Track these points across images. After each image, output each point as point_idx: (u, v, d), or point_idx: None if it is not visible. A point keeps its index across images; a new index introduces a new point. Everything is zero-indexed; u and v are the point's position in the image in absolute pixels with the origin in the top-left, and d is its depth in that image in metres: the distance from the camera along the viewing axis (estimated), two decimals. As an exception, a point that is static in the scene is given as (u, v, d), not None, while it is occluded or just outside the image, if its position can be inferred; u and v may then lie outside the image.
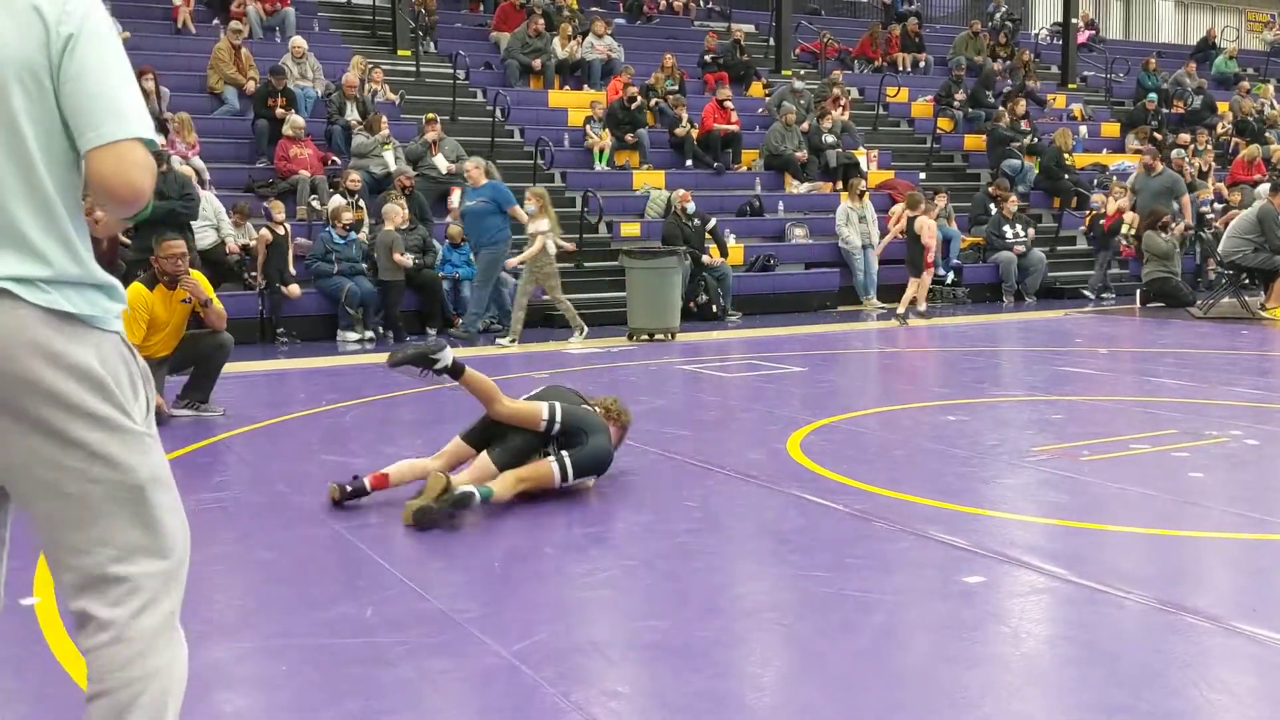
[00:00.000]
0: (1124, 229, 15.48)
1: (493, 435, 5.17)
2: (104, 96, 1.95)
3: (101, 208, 2.11)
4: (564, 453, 5.06)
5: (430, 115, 14.24)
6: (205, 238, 11.31)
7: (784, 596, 3.95)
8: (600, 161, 15.89)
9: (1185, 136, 19.78)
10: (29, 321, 1.94)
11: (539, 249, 11.07)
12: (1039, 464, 5.78)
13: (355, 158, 13.26)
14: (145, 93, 13.32)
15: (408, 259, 11.75)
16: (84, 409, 1.98)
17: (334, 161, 13.69)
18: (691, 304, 13.18)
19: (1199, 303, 13.58)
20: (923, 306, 13.29)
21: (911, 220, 13.13)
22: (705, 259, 13.53)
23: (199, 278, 7.32)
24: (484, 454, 5.08)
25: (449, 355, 5.09)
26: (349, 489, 5.06)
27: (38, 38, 1.93)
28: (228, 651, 3.46)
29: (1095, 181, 18.68)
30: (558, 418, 5.07)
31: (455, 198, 13.09)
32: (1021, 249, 15.48)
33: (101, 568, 2.06)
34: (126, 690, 2.08)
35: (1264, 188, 14.29)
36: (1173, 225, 14.68)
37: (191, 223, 10.38)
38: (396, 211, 12.00)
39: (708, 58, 19.19)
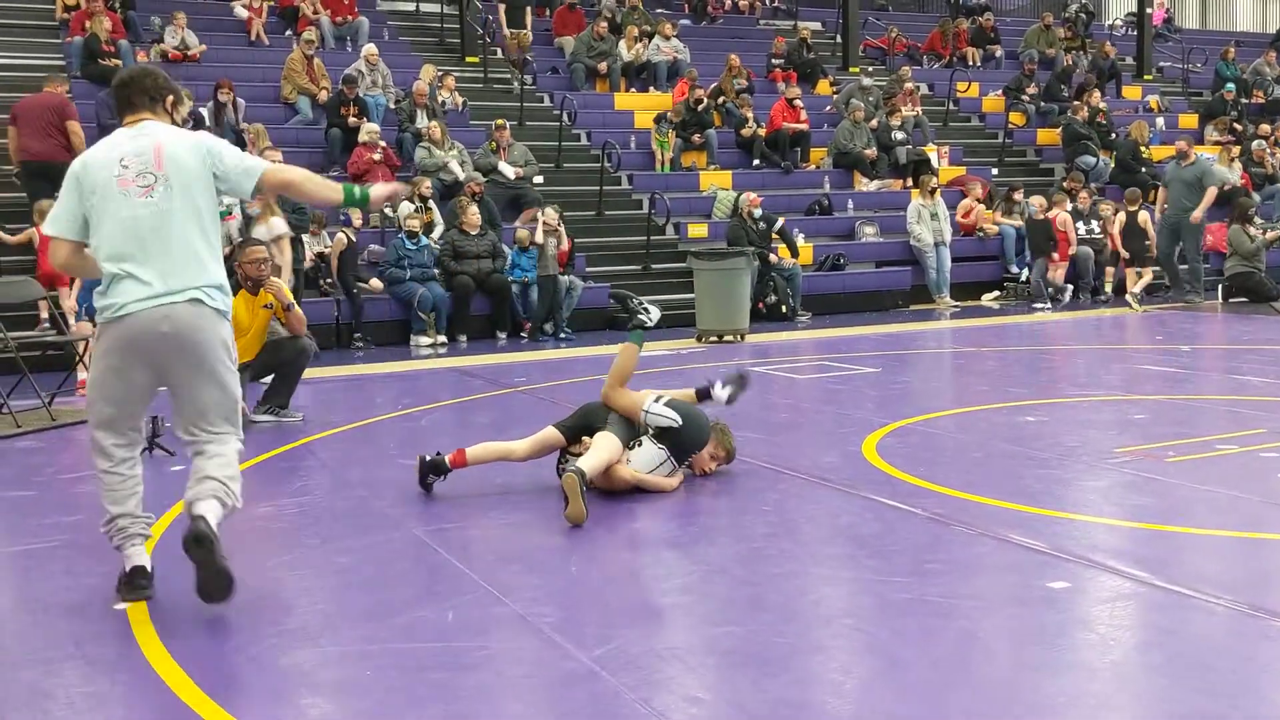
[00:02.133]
0: (1153, 213, 14.98)
1: (589, 426, 5.39)
2: (238, 166, 4.08)
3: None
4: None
5: (500, 122, 14.36)
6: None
7: (862, 602, 3.92)
8: (663, 166, 15.87)
9: (1266, 127, 19.28)
10: (209, 316, 3.95)
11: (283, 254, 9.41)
12: (1122, 465, 5.66)
13: (422, 172, 13.40)
14: (220, 104, 13.64)
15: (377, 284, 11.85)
16: (226, 361, 4.02)
17: (405, 169, 13.85)
18: (760, 304, 13.13)
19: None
20: (1139, 293, 14.10)
21: (1133, 214, 14.57)
22: (772, 259, 13.47)
23: (279, 284, 7.47)
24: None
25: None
26: (429, 459, 5.38)
27: (200, 158, 4.00)
28: (311, 656, 3.52)
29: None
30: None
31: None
32: (1088, 248, 15.16)
33: (215, 424, 4.03)
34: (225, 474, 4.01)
35: None
36: (1257, 222, 14.35)
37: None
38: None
39: (775, 61, 19.11)
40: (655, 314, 5.77)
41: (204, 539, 3.74)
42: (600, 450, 5.13)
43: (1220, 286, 14.44)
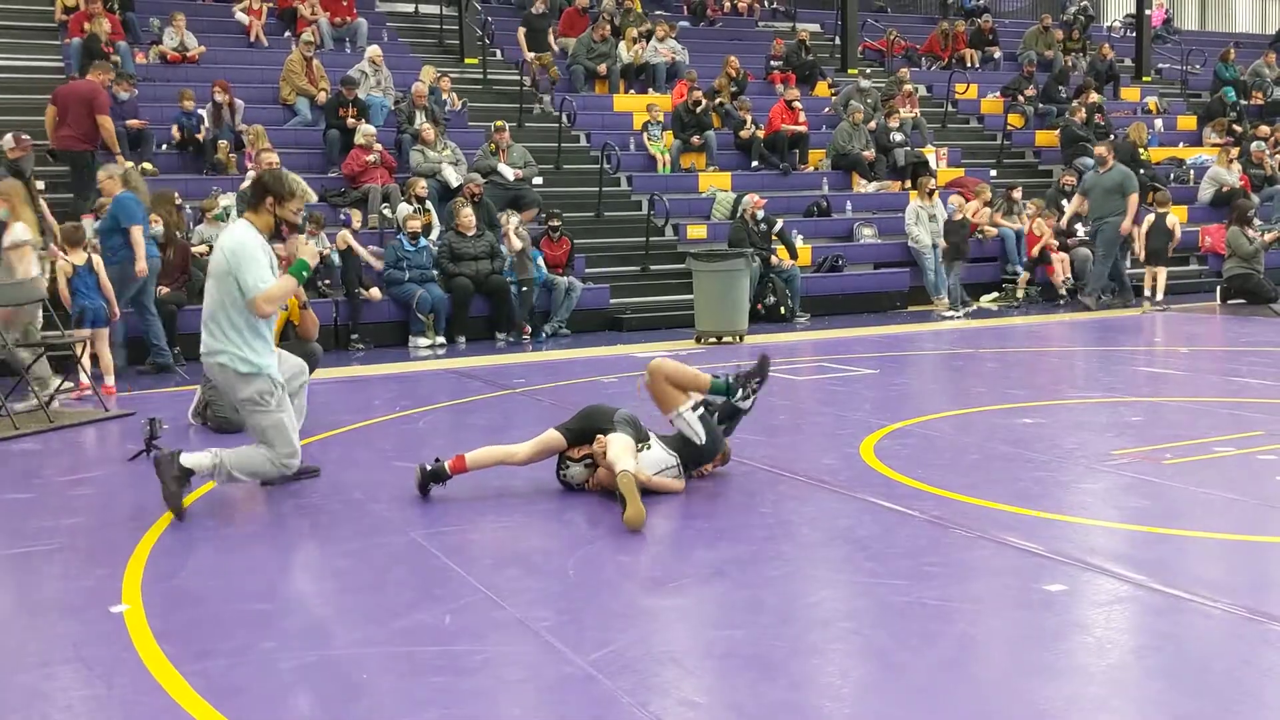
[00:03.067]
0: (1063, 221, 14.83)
1: (592, 429, 5.39)
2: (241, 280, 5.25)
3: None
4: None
5: (499, 124, 14.36)
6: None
7: (860, 605, 3.92)
8: (662, 166, 15.89)
9: (1265, 129, 19.29)
10: (233, 378, 5.36)
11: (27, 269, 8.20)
12: (1119, 468, 5.66)
13: (417, 175, 13.39)
14: (218, 105, 13.63)
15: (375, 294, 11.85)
16: (250, 409, 5.42)
17: (403, 169, 13.86)
18: (759, 306, 13.14)
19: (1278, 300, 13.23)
20: (1160, 296, 14.22)
21: (1163, 215, 14.55)
22: (772, 260, 13.48)
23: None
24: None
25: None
26: (429, 468, 5.37)
27: (224, 261, 5.30)
28: (308, 659, 3.51)
29: (1172, 176, 18.29)
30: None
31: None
32: (1087, 250, 15.16)
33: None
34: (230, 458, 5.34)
35: None
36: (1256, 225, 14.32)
37: None
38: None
39: (774, 63, 19.12)
40: (748, 404, 5.71)
41: (163, 461, 5.19)
42: (626, 451, 5.10)
43: (1218, 288, 14.45)
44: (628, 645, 3.51)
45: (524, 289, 12.21)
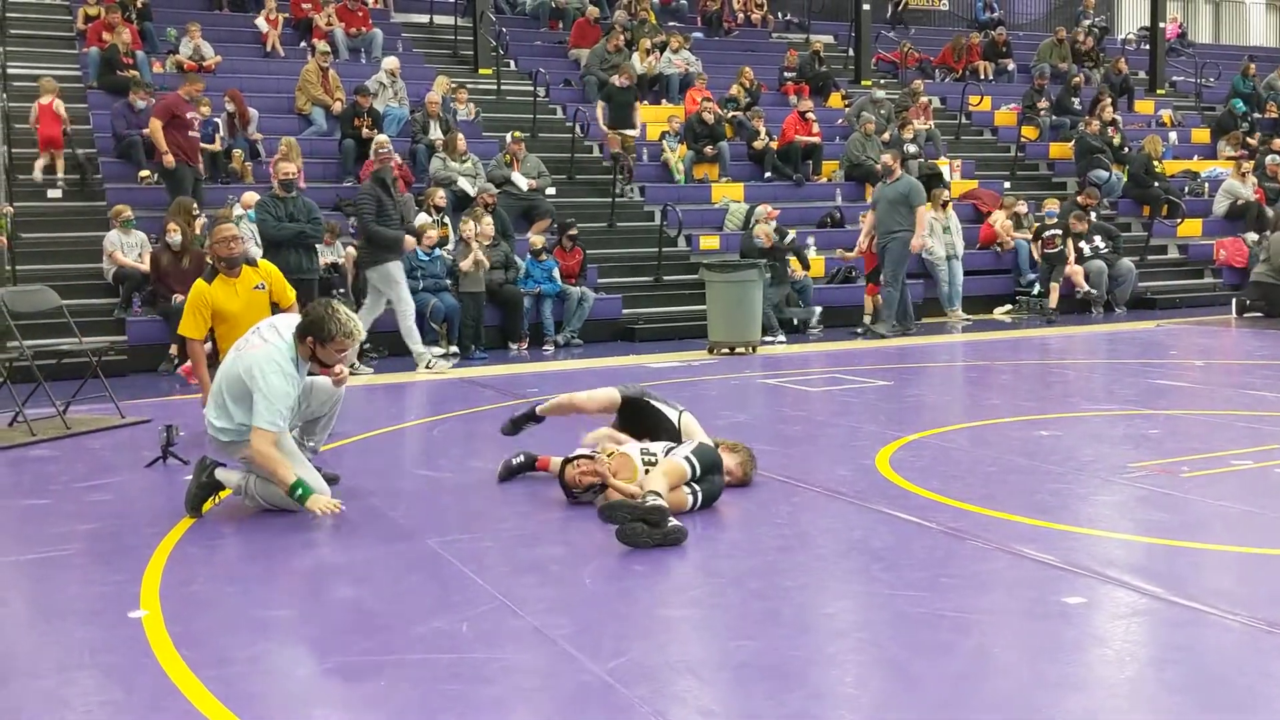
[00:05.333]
0: (861, 240, 13.61)
1: (644, 422, 5.61)
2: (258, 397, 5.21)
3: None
4: (697, 486, 5.15)
5: (516, 134, 14.41)
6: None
7: (877, 616, 3.91)
8: (678, 175, 15.91)
9: (1279, 142, 19.23)
10: (218, 446, 5.45)
11: None
12: (1137, 480, 5.64)
13: (434, 183, 13.43)
14: (231, 115, 13.69)
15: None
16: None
17: (419, 180, 13.91)
18: (793, 320, 13.13)
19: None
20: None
21: None
22: (789, 272, 13.46)
23: (271, 269, 7.42)
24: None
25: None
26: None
27: (245, 375, 5.25)
28: (326, 666, 3.52)
29: (1186, 189, 18.25)
30: (697, 469, 5.13)
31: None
32: (1101, 262, 15.12)
33: None
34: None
35: None
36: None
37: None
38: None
39: (788, 74, 19.14)
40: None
41: (201, 465, 5.42)
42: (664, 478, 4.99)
43: (1234, 300, 14.34)
44: (645, 654, 3.51)
45: (465, 306, 11.81)
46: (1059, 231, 14.93)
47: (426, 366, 10.67)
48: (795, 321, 13.30)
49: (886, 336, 12.55)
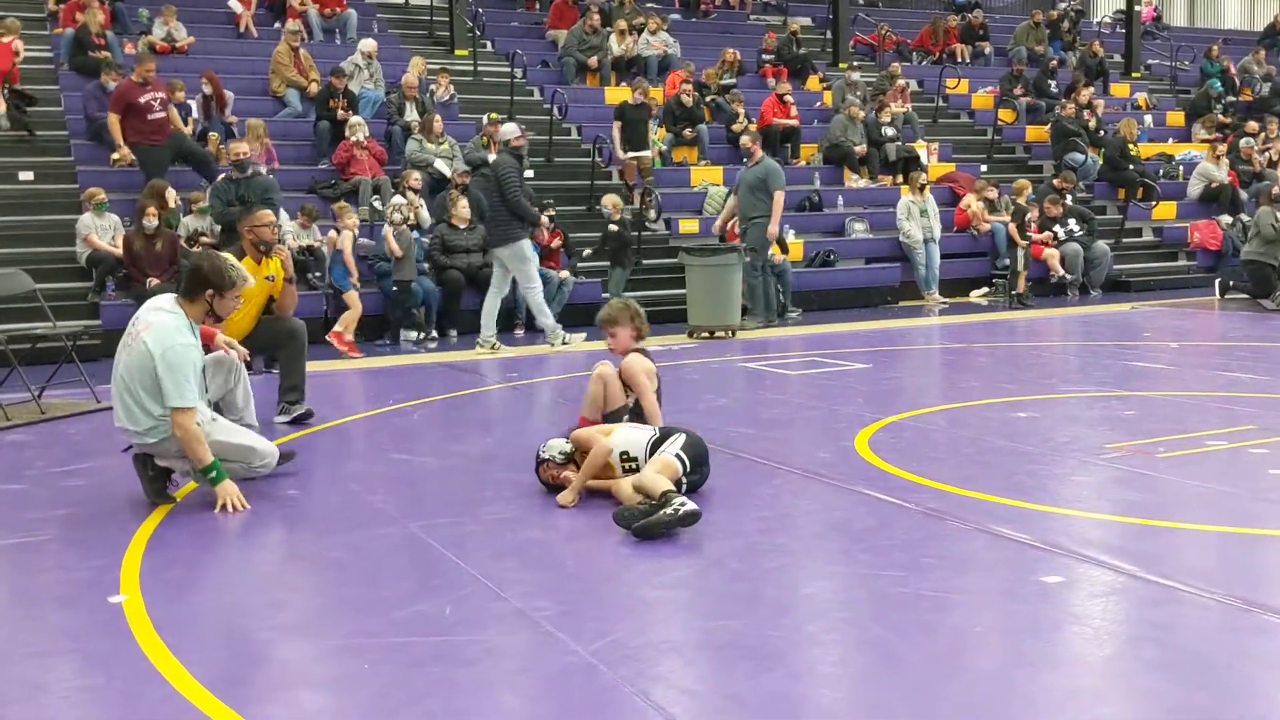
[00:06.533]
0: (717, 224, 13.18)
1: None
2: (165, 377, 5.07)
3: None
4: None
5: (491, 115, 14.33)
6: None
7: (857, 597, 3.93)
8: (655, 158, 15.87)
9: (1254, 125, 19.37)
10: (149, 449, 5.23)
11: None
12: (1113, 461, 5.69)
13: (411, 165, 13.36)
14: (207, 97, 13.55)
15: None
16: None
17: (394, 162, 13.83)
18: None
19: (1272, 296, 13.25)
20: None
21: None
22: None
23: (275, 263, 7.34)
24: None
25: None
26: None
27: (147, 355, 5.09)
28: (308, 649, 3.52)
29: (1161, 172, 18.36)
30: (687, 465, 5.03)
31: None
32: (1076, 245, 15.20)
33: None
34: None
35: None
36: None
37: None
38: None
39: (765, 56, 19.11)
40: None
41: (145, 463, 5.30)
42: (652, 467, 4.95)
43: (1218, 280, 14.38)
44: (628, 635, 3.52)
45: (399, 294, 11.60)
46: (1035, 217, 15.01)
47: (563, 343, 10.85)
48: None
49: (760, 327, 12.00)
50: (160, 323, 5.15)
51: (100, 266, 11.36)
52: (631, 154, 14.92)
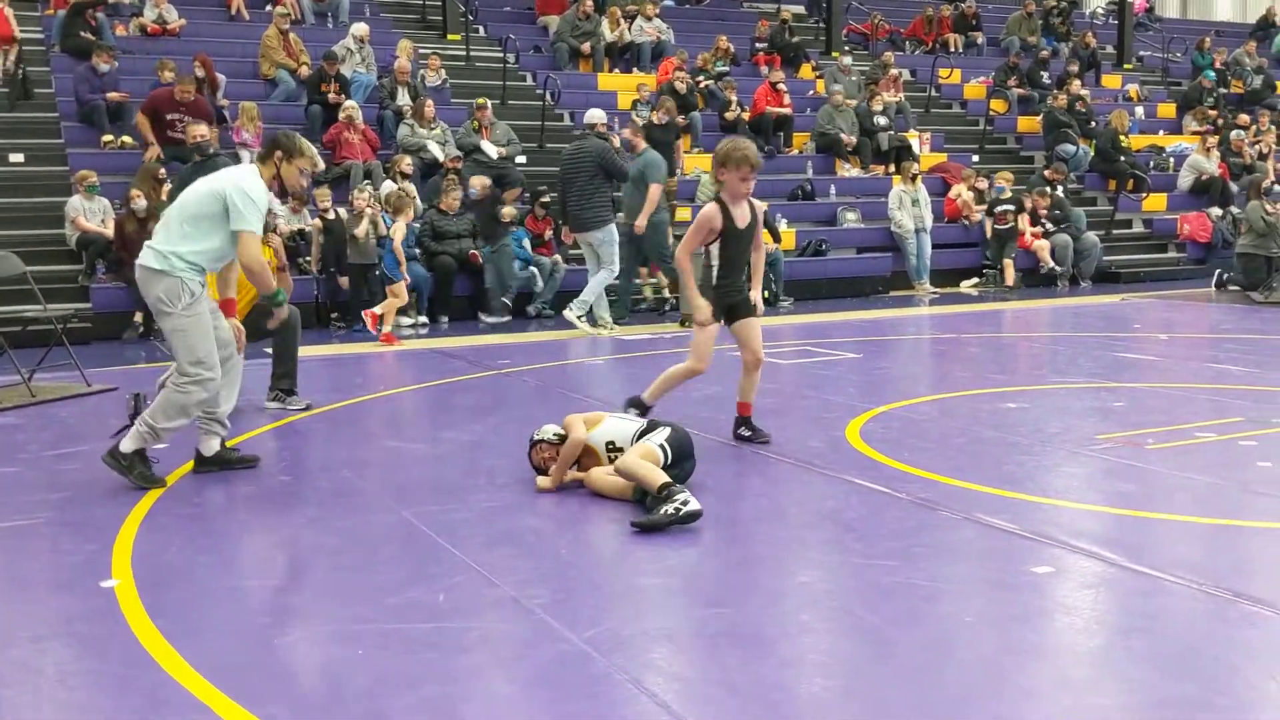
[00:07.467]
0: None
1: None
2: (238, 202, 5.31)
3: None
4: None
5: (481, 101, 14.29)
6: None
7: (849, 585, 3.95)
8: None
9: (1245, 117, 19.42)
10: (146, 276, 5.30)
11: None
12: (1103, 452, 5.72)
13: (403, 150, 13.32)
14: (199, 80, 13.48)
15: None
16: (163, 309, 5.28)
17: (385, 147, 13.79)
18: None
19: (1260, 288, 13.31)
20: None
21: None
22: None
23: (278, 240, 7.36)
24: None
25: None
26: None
27: (220, 188, 5.30)
28: (302, 635, 3.52)
29: (1152, 164, 18.41)
30: (669, 456, 4.97)
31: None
32: (1066, 236, 15.23)
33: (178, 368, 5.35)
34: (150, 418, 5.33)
35: None
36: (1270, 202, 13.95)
37: None
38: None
39: (758, 45, 19.09)
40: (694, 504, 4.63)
41: (109, 461, 5.32)
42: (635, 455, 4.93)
43: (1217, 273, 14.40)
44: (621, 623, 3.54)
45: (355, 276, 11.52)
46: (1011, 207, 15.00)
47: (609, 330, 11.05)
48: (766, 294, 13.30)
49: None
50: (242, 171, 5.47)
51: (90, 249, 11.33)
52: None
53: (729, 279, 5.92)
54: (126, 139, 12.97)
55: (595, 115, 11.55)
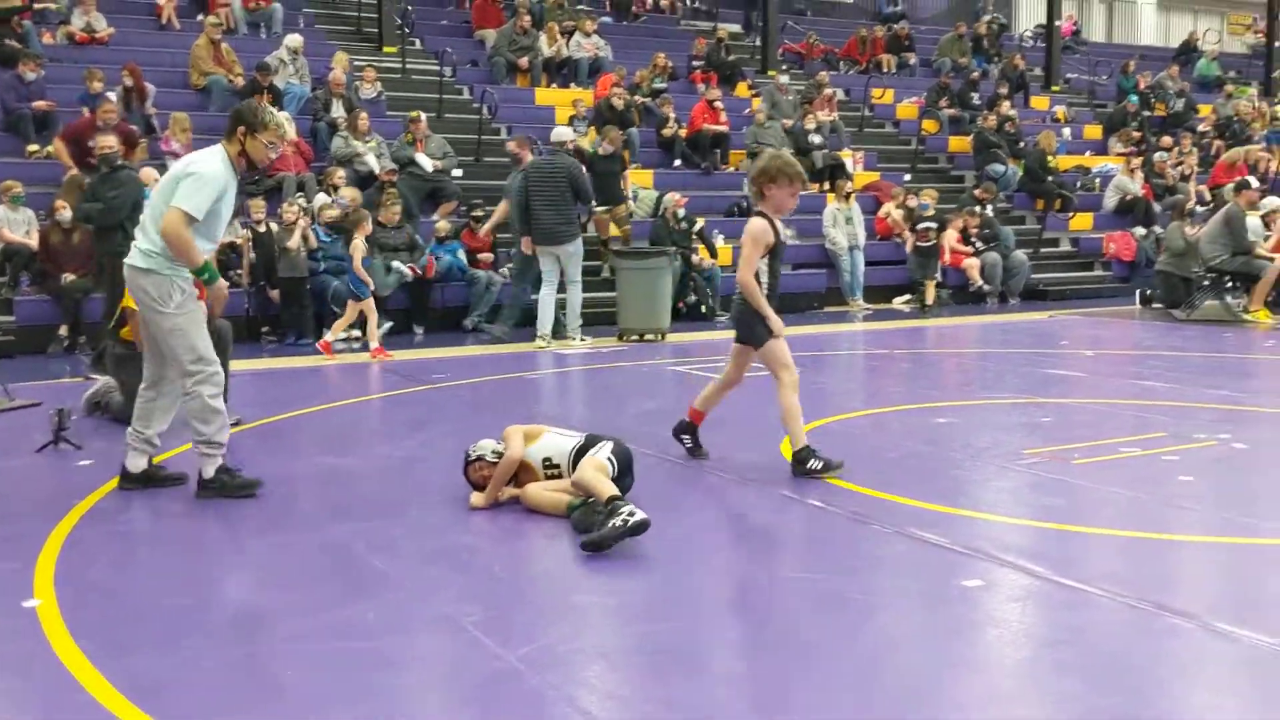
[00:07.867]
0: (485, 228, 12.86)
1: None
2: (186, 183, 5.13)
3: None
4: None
5: (415, 114, 14.21)
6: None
7: (785, 600, 3.98)
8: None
9: (1168, 140, 19.93)
10: (134, 275, 5.21)
11: None
12: (1030, 467, 5.82)
13: (336, 162, 13.20)
14: (128, 89, 13.24)
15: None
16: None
17: (319, 159, 13.65)
18: (680, 304, 13.19)
19: (1183, 306, 13.64)
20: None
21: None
22: (694, 259, 13.55)
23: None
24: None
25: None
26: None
27: (180, 169, 5.19)
28: (232, 655, 3.46)
29: (1079, 184, 18.81)
30: (615, 468, 4.95)
31: None
32: (995, 254, 15.51)
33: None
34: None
35: (1229, 188, 14.30)
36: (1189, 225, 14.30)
37: None
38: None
39: (695, 62, 19.22)
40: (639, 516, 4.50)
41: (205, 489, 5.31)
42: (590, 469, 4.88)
43: (1138, 292, 14.73)
44: (556, 641, 3.53)
45: (290, 292, 11.42)
46: (934, 225, 15.21)
47: (580, 341, 11.27)
48: (703, 308, 13.40)
49: (501, 339, 11.37)
50: (202, 153, 5.26)
51: (14, 260, 11.07)
52: (605, 207, 13.43)
53: (773, 295, 5.97)
54: (52, 149, 12.70)
55: (563, 133, 11.86)
